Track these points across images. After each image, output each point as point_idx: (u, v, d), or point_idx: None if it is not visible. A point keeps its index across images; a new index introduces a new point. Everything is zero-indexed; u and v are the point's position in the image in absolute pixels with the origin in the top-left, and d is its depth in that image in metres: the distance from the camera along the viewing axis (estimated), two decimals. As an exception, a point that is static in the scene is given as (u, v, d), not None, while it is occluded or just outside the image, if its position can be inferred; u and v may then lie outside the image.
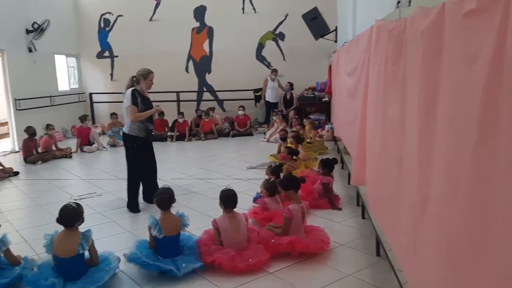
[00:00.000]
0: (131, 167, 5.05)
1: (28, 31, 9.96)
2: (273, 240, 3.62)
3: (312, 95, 11.03)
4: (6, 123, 10.46)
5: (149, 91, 5.18)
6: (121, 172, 7.06)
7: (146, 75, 5.00)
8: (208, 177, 6.56)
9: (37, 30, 10.01)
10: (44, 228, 4.27)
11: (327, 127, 9.69)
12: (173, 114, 11.33)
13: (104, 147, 9.48)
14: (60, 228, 3.22)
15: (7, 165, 7.29)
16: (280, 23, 11.70)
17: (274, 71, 11.07)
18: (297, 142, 6.41)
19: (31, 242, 4.12)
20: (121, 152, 9.13)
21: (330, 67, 8.42)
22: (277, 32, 11.78)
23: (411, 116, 2.07)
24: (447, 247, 1.56)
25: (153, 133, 10.38)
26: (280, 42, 11.81)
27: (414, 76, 2.02)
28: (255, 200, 4.74)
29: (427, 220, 1.83)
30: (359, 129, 3.63)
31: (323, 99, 10.57)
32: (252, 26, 11.75)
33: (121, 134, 10.00)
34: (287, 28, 11.67)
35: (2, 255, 3.21)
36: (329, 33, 9.34)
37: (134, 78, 4.99)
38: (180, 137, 10.41)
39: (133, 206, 5.00)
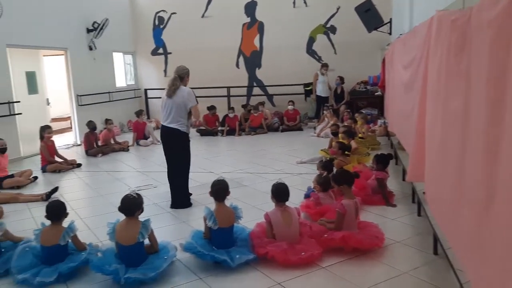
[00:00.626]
0: (187, 164, 5.12)
1: (88, 30, 10.50)
2: (325, 235, 3.61)
3: (364, 89, 10.80)
4: (69, 118, 11.10)
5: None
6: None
7: (188, 72, 5.04)
8: (258, 171, 6.62)
9: (97, 29, 10.52)
10: (106, 217, 4.52)
11: (379, 122, 9.45)
12: (224, 109, 11.52)
13: (158, 141, 9.79)
14: (122, 217, 3.39)
15: (70, 158, 7.74)
16: (332, 16, 11.52)
17: (325, 66, 10.93)
18: (348, 136, 6.31)
19: (94, 229, 4.36)
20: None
21: (383, 60, 8.19)
22: (328, 25, 11.61)
23: (476, 108, 1.99)
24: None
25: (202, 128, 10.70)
26: (331, 35, 11.64)
27: (479, 67, 1.93)
28: (306, 196, 4.73)
29: (494, 218, 1.75)
30: (417, 123, 3.52)
31: (376, 93, 10.32)
32: (303, 20, 11.66)
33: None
34: (338, 21, 11.48)
35: (70, 241, 3.43)
36: (383, 25, 9.08)
37: (180, 77, 4.97)
38: (231, 132, 10.57)
39: (186, 202, 5.08)
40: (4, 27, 7.73)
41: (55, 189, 5.66)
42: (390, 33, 9.15)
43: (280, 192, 3.65)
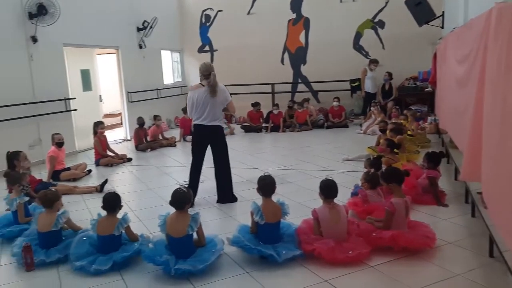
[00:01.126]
0: (228, 159, 5.19)
1: (139, 29, 10.85)
2: (374, 234, 3.54)
3: (413, 85, 10.45)
4: (119, 114, 11.55)
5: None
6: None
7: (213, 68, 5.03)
8: (303, 168, 6.60)
9: (147, 28, 10.85)
10: (155, 209, 4.68)
11: (429, 119, 9.15)
12: (268, 105, 11.55)
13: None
14: (171, 209, 3.49)
15: (121, 152, 8.05)
16: (380, 11, 11.22)
17: (374, 61, 10.66)
18: (396, 134, 6.13)
19: (145, 221, 4.52)
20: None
21: (435, 55, 7.89)
22: (376, 20, 11.32)
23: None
24: None
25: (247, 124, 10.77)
26: (379, 30, 11.34)
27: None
28: (353, 194, 4.66)
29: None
30: (472, 120, 3.37)
31: (426, 89, 9.96)
32: (350, 15, 11.44)
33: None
34: (387, 16, 11.16)
35: (123, 231, 3.58)
36: (434, 18, 8.75)
37: (213, 73, 4.90)
38: (275, 128, 10.59)
39: (234, 197, 5.17)
40: (61, 28, 8.14)
41: (106, 181, 5.91)
42: (442, 27, 8.79)
43: (328, 189, 3.62)
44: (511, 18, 2.39)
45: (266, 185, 3.68)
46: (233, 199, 5.14)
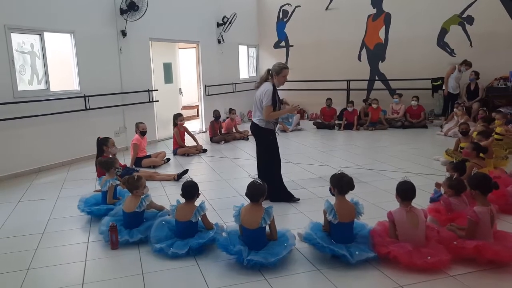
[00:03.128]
0: (270, 159, 4.98)
1: (218, 25, 11.15)
2: (455, 242, 3.35)
3: (503, 86, 9.67)
4: (196, 106, 11.99)
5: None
6: (290, 155, 7.43)
7: (279, 71, 4.81)
8: (378, 168, 6.40)
9: (226, 23, 11.12)
10: (229, 200, 4.82)
11: (520, 123, 8.42)
12: (342, 102, 11.34)
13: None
14: (243, 201, 3.57)
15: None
16: (470, 5, 10.47)
17: (468, 64, 9.87)
18: (485, 137, 5.71)
19: (219, 211, 4.66)
20: (290, 136, 9.63)
21: (530, 54, 7.24)
22: (464, 15, 10.60)
23: None
24: None
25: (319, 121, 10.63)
26: (467, 26, 10.60)
27: None
28: (432, 200, 4.42)
29: None
30: None
31: (517, 91, 9.18)
32: (435, 9, 10.83)
33: (287, 121, 10.53)
34: (477, 11, 10.39)
35: (200, 219, 3.73)
36: (532, 13, 8.01)
37: (270, 72, 4.86)
38: (348, 126, 10.37)
39: (284, 196, 4.93)
40: (148, 23, 8.62)
41: (186, 171, 6.18)
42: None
43: (406, 191, 3.48)
44: None
45: (344, 182, 3.59)
46: (280, 198, 4.88)
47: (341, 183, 3.58)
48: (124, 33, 8.20)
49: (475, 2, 10.39)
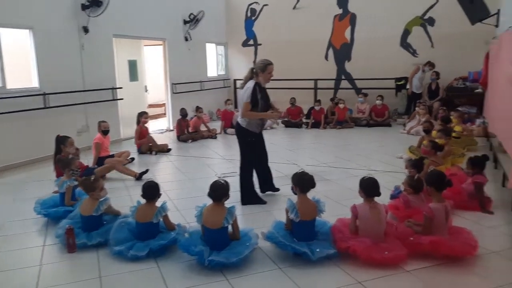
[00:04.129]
0: (247, 160, 4.91)
1: (185, 22, 11.03)
2: (411, 238, 3.44)
3: (462, 86, 10.01)
4: (163, 105, 11.82)
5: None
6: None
7: (263, 68, 4.67)
8: (343, 166, 6.50)
9: (193, 20, 11.02)
10: (193, 200, 4.76)
11: (478, 121, 8.75)
12: (310, 101, 11.45)
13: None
14: (208, 201, 3.54)
15: (163, 142, 8.26)
16: (431, 7, 10.78)
17: (431, 64, 10.17)
18: (446, 136, 5.88)
19: (182, 211, 4.62)
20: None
21: (487, 55, 7.53)
22: (426, 17, 10.90)
23: None
24: None
25: (287, 119, 10.70)
26: (428, 27, 10.92)
27: None
28: (392, 197, 4.53)
29: None
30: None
31: (475, 91, 9.52)
32: (398, 11, 11.09)
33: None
34: (438, 13, 10.71)
35: (161, 220, 3.67)
36: (489, 17, 8.33)
37: (254, 70, 4.76)
38: (316, 125, 10.49)
39: (252, 199, 4.86)
40: (111, 19, 8.43)
41: (146, 171, 6.10)
42: (497, 26, 8.36)
43: (370, 187, 3.53)
44: None
45: (305, 181, 3.63)
46: (249, 201, 4.84)
47: (302, 182, 3.62)
48: (86, 29, 7.98)
49: (436, 4, 10.71)
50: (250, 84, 4.71)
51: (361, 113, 10.78)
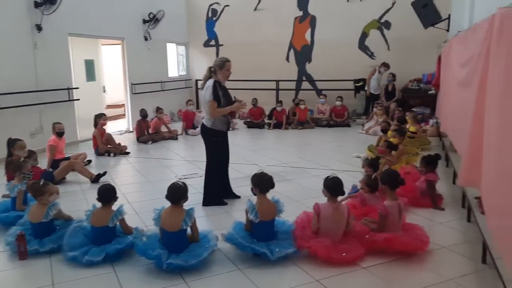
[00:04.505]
0: (214, 160, 4.88)
1: (144, 21, 10.83)
2: (367, 236, 3.54)
3: (417, 87, 10.41)
4: (122, 105, 11.56)
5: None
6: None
7: (221, 65, 4.65)
8: (303, 166, 6.59)
9: (153, 20, 10.84)
10: (153, 202, 4.67)
11: (431, 121, 9.11)
12: (272, 102, 11.52)
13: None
14: (167, 204, 3.50)
15: (122, 144, 8.07)
16: (387, 11, 11.15)
17: (386, 65, 10.57)
18: (400, 135, 6.09)
19: (141, 214, 4.53)
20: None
21: (439, 58, 7.85)
22: (382, 20, 11.26)
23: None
24: None
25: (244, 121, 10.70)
26: (385, 31, 11.28)
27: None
28: (350, 195, 4.63)
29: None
30: (472, 124, 3.35)
31: (429, 92, 9.92)
32: (356, 14, 11.38)
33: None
34: (393, 17, 11.09)
35: (118, 223, 3.59)
36: (440, 21, 8.69)
37: (212, 69, 4.74)
38: (278, 125, 10.57)
39: (215, 201, 4.84)
40: (66, 17, 8.15)
41: (104, 173, 5.95)
42: (448, 30, 8.74)
43: (334, 186, 3.58)
44: (513, 24, 2.37)
45: (265, 181, 3.65)
46: (213, 202, 4.81)
47: (261, 182, 3.64)
48: (39, 28, 7.67)
49: (391, 8, 11.07)
50: (210, 82, 4.69)
51: (322, 114, 10.97)
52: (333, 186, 3.58)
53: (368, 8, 11.26)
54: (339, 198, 3.70)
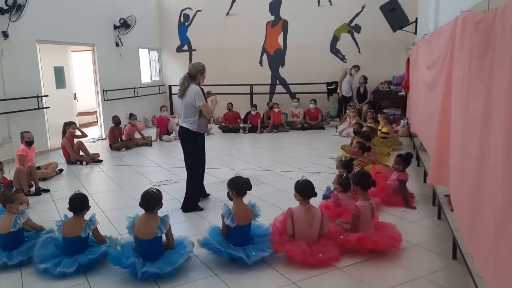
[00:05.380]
0: (199, 164, 4.94)
1: (115, 27, 10.69)
2: (341, 236, 3.59)
3: (387, 89, 10.65)
4: (95, 112, 11.35)
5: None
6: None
7: (203, 70, 4.82)
8: (278, 169, 6.62)
9: (124, 25, 10.70)
10: (127, 210, 4.62)
11: (402, 122, 9.32)
12: (246, 106, 11.54)
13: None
14: (141, 211, 3.46)
15: (95, 151, 7.93)
16: (357, 15, 11.38)
17: (356, 67, 10.81)
18: (365, 140, 6.18)
19: (115, 223, 4.46)
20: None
21: (408, 60, 8.05)
22: (353, 24, 11.48)
23: (498, 113, 1.95)
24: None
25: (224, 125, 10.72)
26: (355, 34, 11.50)
27: (502, 71, 1.89)
28: (325, 197, 4.69)
29: None
30: (438, 125, 3.45)
31: (399, 94, 10.16)
32: (327, 18, 11.56)
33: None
34: (363, 20, 11.33)
35: (90, 233, 3.52)
36: (408, 24, 8.92)
37: (191, 74, 4.80)
38: (253, 129, 10.60)
39: (196, 206, 4.88)
40: (34, 24, 7.97)
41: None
42: (415, 33, 8.98)
43: (306, 189, 3.62)
44: (474, 28, 2.46)
45: (241, 184, 3.66)
46: (193, 209, 4.83)
47: (237, 185, 3.65)
48: (5, 34, 7.46)
49: (361, 12, 11.30)
50: (194, 87, 4.76)
51: (296, 117, 11.06)
52: (303, 189, 3.62)
53: (339, 12, 11.46)
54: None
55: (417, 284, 3.07)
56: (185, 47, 13.03)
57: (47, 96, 8.54)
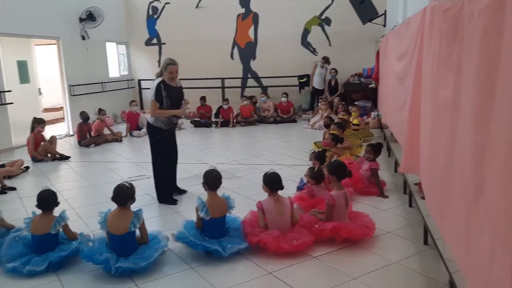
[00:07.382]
0: (157, 158, 4.90)
1: (81, 19, 10.37)
2: (316, 225, 3.62)
3: (358, 82, 10.79)
4: (61, 108, 11.01)
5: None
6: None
7: (164, 67, 4.68)
8: (252, 163, 6.62)
9: (89, 18, 10.39)
10: (98, 206, 4.49)
11: (373, 114, 9.48)
12: (218, 100, 11.47)
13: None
14: (113, 206, 3.38)
15: (62, 148, 7.70)
16: (327, 8, 11.45)
17: (326, 59, 10.89)
18: (339, 128, 6.29)
19: (86, 219, 4.35)
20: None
21: (377, 53, 8.20)
22: (323, 17, 11.55)
23: (466, 100, 1.99)
24: (505, 235, 1.51)
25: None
26: (326, 27, 11.58)
27: (470, 58, 1.93)
28: (299, 188, 4.73)
29: (482, 207, 1.77)
30: (409, 114, 3.53)
31: (370, 86, 10.32)
32: (298, 11, 11.59)
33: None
34: (333, 13, 11.42)
35: (61, 230, 3.41)
36: (377, 17, 9.08)
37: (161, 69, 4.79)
38: (225, 123, 10.54)
39: (168, 199, 4.87)
40: (-6, 15, 7.64)
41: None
42: (384, 25, 9.14)
43: (273, 181, 3.65)
44: (442, 16, 2.51)
45: (212, 178, 3.64)
46: (166, 200, 4.83)
47: (210, 179, 3.62)
48: (-37, 27, 7.14)
49: (331, 5, 11.39)
50: (156, 81, 4.72)
51: (267, 111, 11.04)
52: (271, 181, 3.66)
53: (309, 5, 11.50)
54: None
55: (390, 270, 3.13)
56: (154, 41, 12.80)
57: (10, 91, 8.21)
